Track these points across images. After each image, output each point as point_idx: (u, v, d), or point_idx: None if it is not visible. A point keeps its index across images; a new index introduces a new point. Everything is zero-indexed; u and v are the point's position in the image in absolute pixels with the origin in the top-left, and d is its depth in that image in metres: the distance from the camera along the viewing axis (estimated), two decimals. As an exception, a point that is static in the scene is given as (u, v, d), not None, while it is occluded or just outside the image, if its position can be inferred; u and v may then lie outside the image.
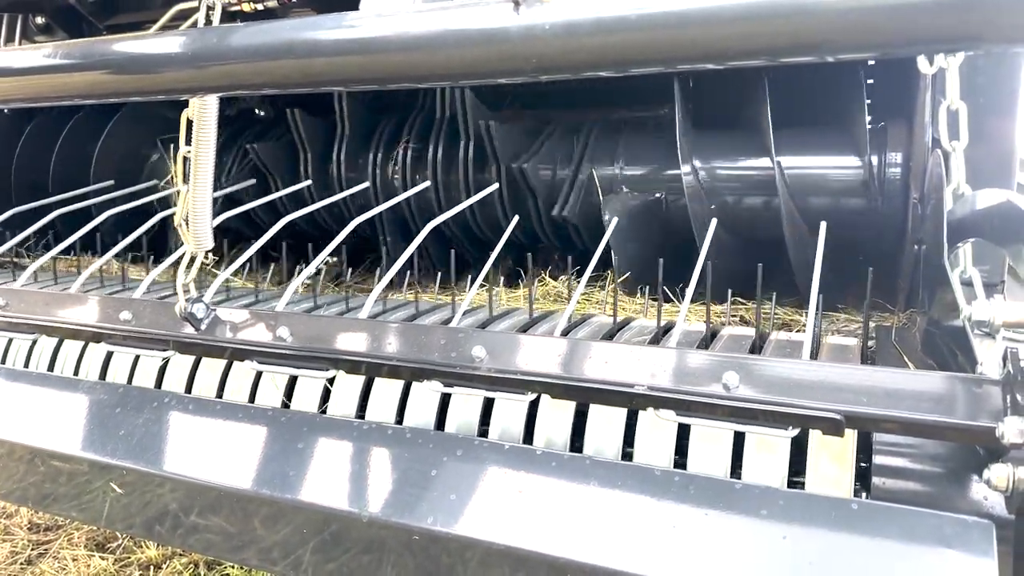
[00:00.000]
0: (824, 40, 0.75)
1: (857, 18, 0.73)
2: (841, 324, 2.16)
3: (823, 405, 1.07)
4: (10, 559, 2.69)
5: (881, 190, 2.15)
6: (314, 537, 1.20)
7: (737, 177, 2.26)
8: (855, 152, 2.12)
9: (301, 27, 1.05)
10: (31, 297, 1.76)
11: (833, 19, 0.73)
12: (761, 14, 0.79)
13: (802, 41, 0.76)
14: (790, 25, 0.77)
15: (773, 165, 2.02)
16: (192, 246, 1.45)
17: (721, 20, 0.81)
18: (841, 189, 2.23)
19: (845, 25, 0.75)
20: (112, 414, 1.43)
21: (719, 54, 0.83)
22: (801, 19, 0.76)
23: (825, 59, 0.77)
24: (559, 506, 1.07)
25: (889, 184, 2.14)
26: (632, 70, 0.89)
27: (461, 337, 1.35)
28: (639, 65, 0.88)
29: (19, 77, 1.27)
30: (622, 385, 1.18)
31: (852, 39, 0.78)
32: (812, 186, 2.16)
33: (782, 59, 0.80)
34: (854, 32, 0.74)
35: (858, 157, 2.11)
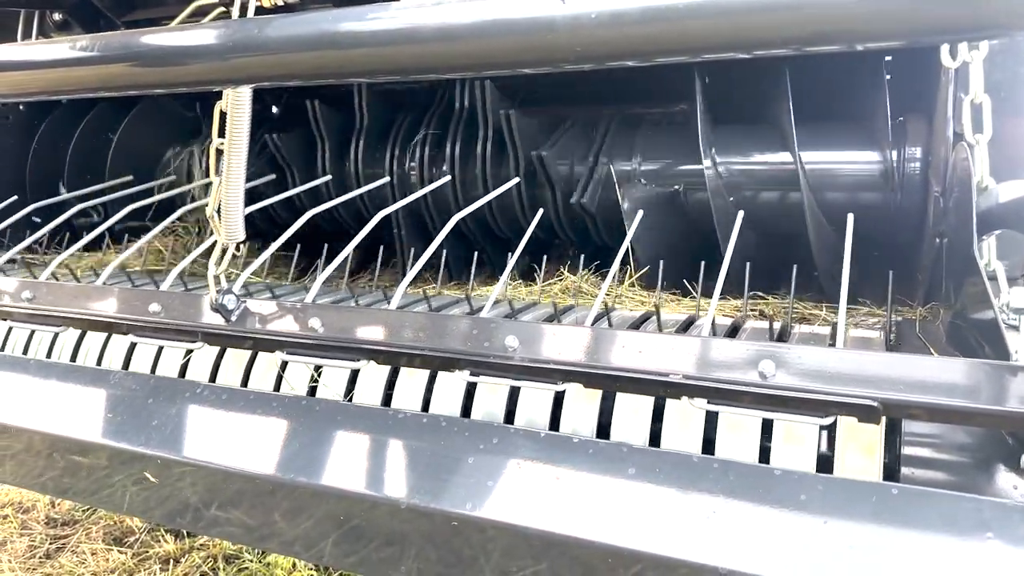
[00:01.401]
0: (897, 27, 0.76)
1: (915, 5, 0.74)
2: (860, 318, 2.17)
3: (859, 392, 1.08)
4: (29, 553, 2.71)
5: (900, 184, 2.16)
6: (352, 524, 1.21)
7: (758, 172, 2.27)
8: (875, 147, 2.13)
9: (343, 17, 1.06)
10: (59, 290, 1.78)
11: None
12: (811, 1, 0.80)
13: (864, 28, 0.77)
14: (843, 12, 0.77)
15: (795, 160, 2.03)
16: (223, 237, 1.46)
17: (771, 8, 0.82)
18: (861, 184, 2.24)
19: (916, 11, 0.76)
20: (145, 404, 1.44)
21: (768, 42, 0.84)
22: (857, 5, 0.77)
23: (892, 44, 0.78)
24: (598, 493, 1.09)
25: (908, 178, 2.15)
26: (680, 58, 0.90)
27: (493, 327, 1.36)
28: (687, 54, 0.88)
29: (59, 69, 1.28)
30: (657, 374, 1.19)
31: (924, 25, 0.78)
32: (833, 181, 2.17)
33: (834, 46, 0.81)
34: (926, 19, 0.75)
35: (878, 152, 2.12)
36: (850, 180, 2.21)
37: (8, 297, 1.86)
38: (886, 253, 2.30)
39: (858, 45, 0.85)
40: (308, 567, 2.49)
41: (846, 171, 2.20)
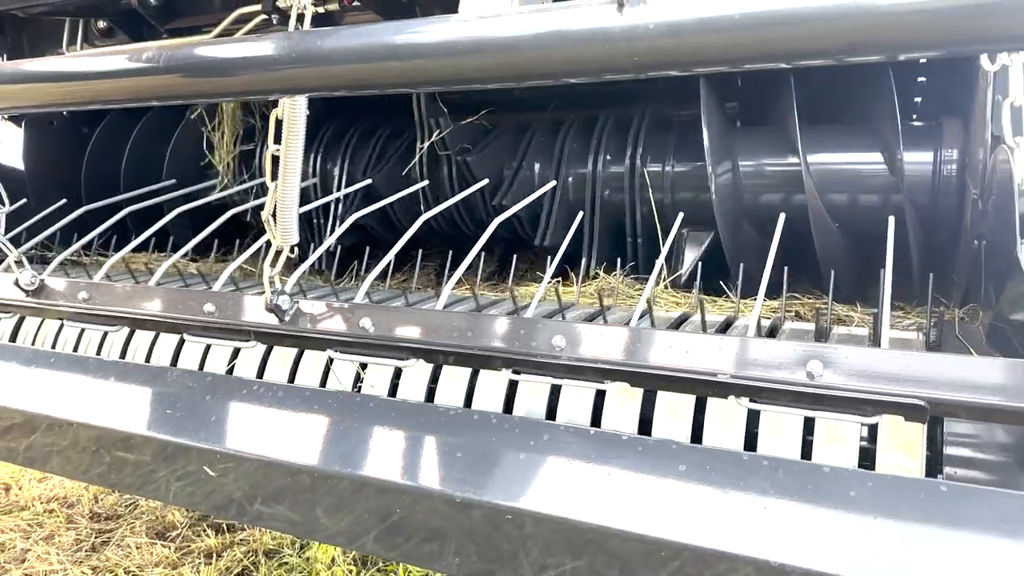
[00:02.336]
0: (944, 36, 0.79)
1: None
2: (895, 319, 2.18)
3: (906, 391, 1.10)
4: (75, 546, 2.79)
5: (936, 186, 2.16)
6: (407, 515, 1.25)
7: (782, 173, 2.28)
8: (925, 148, 2.15)
9: (403, 29, 1.10)
10: (115, 291, 1.84)
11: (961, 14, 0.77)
12: (868, 11, 0.82)
13: (914, 37, 0.80)
14: (899, 21, 0.80)
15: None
16: (278, 240, 1.51)
17: (825, 17, 0.85)
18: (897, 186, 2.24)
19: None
20: (203, 401, 1.50)
21: (823, 51, 0.87)
22: (909, 16, 0.80)
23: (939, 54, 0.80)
24: (649, 488, 1.12)
25: (944, 181, 2.16)
26: (735, 67, 0.93)
27: (540, 327, 1.40)
28: (742, 62, 0.92)
29: (126, 79, 1.33)
30: (704, 373, 1.22)
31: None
32: (868, 183, 2.18)
33: (889, 55, 0.84)
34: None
35: (927, 153, 2.14)
36: (887, 182, 2.22)
37: (64, 297, 1.93)
38: (921, 255, 2.31)
39: (902, 55, 0.88)
40: (347, 562, 2.55)
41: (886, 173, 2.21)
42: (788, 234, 1.99)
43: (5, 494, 3.24)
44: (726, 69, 0.95)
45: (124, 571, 2.58)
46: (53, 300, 1.94)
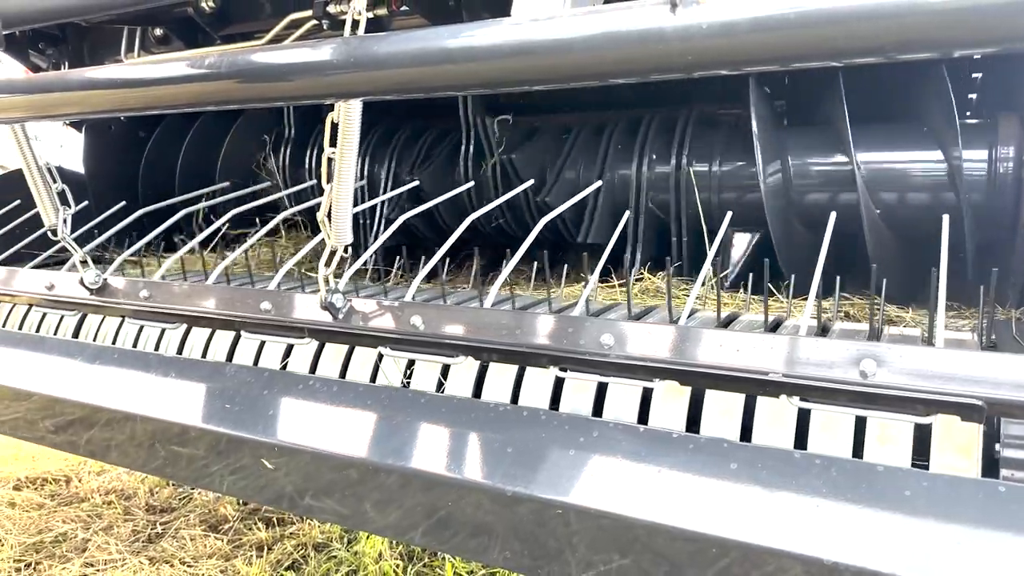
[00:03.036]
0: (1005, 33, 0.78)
1: None
2: (948, 319, 2.14)
3: (962, 391, 1.09)
4: (133, 537, 2.88)
5: (992, 185, 2.12)
6: (457, 508, 1.27)
7: (829, 172, 2.26)
8: (980, 146, 2.10)
9: (457, 33, 1.13)
10: (174, 289, 1.90)
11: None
12: (926, 7, 0.82)
13: (975, 34, 0.79)
14: (957, 17, 0.80)
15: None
16: (333, 240, 1.55)
17: (881, 14, 0.85)
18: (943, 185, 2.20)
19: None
20: (261, 395, 1.54)
21: (879, 48, 0.87)
22: (967, 11, 0.79)
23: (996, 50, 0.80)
24: (700, 486, 1.12)
25: (1000, 179, 2.11)
26: (788, 66, 0.93)
27: (589, 325, 1.41)
28: (796, 61, 0.92)
29: (188, 84, 1.38)
30: (756, 372, 1.22)
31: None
32: (924, 181, 2.14)
33: (945, 52, 0.83)
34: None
35: (982, 151, 2.10)
36: (933, 181, 2.18)
37: (126, 296, 2.00)
38: (976, 255, 2.26)
39: (958, 52, 0.87)
40: (394, 557, 2.59)
41: (928, 172, 2.17)
42: (839, 234, 1.98)
43: (66, 486, 3.37)
44: (779, 68, 0.95)
45: (180, 562, 2.66)
46: (116, 298, 2.01)
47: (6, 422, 2.00)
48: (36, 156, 1.99)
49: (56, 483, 3.37)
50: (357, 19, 1.50)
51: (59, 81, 1.60)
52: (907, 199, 2.19)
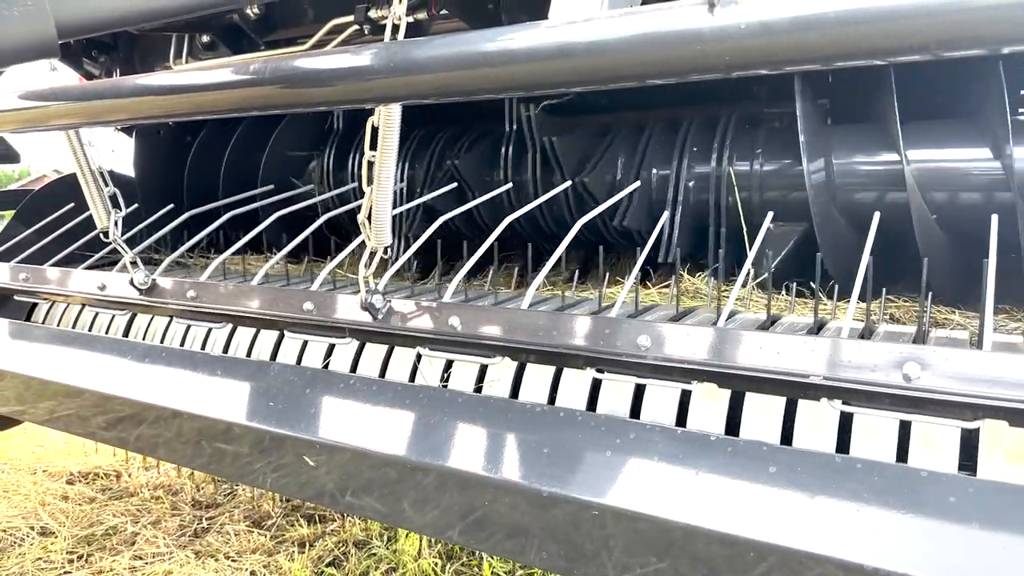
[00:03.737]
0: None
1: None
2: (998, 322, 2.08)
3: (1011, 395, 1.07)
4: (179, 531, 2.96)
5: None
6: (494, 507, 1.28)
7: (877, 172, 2.22)
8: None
9: (495, 36, 1.14)
10: (220, 290, 1.95)
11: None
12: (970, 4, 0.81)
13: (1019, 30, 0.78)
14: (1005, 14, 0.78)
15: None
16: (373, 242, 1.57)
17: (925, 12, 0.84)
18: (1000, 183, 2.14)
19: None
20: (304, 394, 1.57)
21: (922, 46, 0.85)
22: (1015, 8, 0.78)
23: None
24: (739, 489, 1.11)
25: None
26: (829, 65, 0.92)
27: (626, 327, 1.41)
28: (836, 60, 0.91)
29: (232, 90, 1.42)
30: (796, 375, 1.21)
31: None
32: (968, 181, 2.09)
33: (994, 48, 0.82)
34: None
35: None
36: (987, 180, 2.12)
37: (173, 296, 2.06)
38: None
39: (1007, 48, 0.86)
40: (433, 555, 2.61)
41: (980, 170, 2.11)
42: (887, 234, 1.94)
43: (116, 480, 3.47)
44: (819, 67, 0.94)
45: (224, 556, 2.72)
46: (164, 298, 2.07)
47: (60, 418, 2.07)
48: (90, 160, 2.06)
49: (107, 478, 3.47)
50: (397, 24, 1.51)
51: (110, 88, 1.65)
52: (958, 198, 2.14)
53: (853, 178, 2.22)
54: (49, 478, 3.44)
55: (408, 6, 2.53)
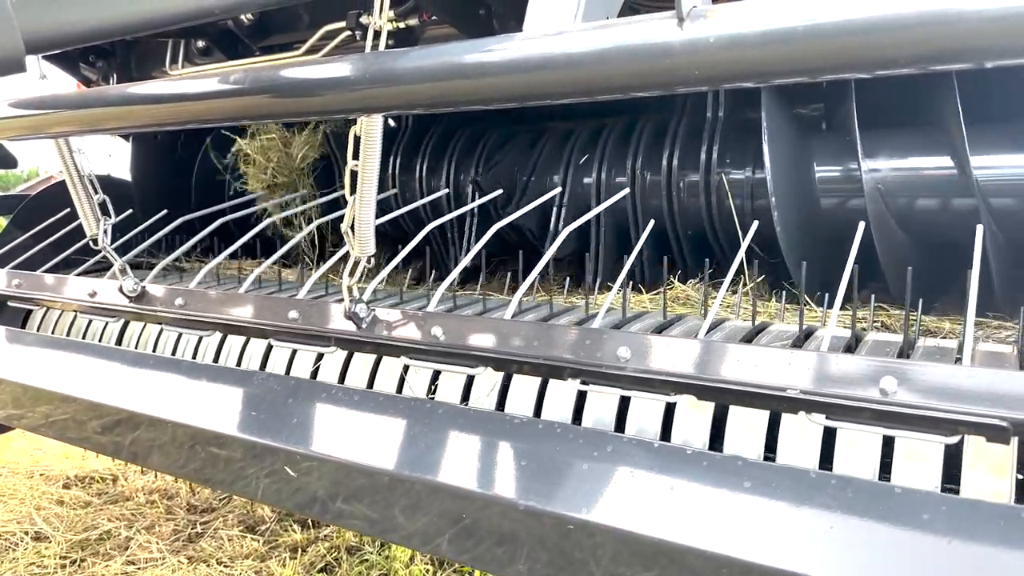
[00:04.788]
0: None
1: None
2: (992, 330, 2.07)
3: (987, 411, 1.06)
4: (173, 536, 2.96)
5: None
6: (472, 520, 1.28)
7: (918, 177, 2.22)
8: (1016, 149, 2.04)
9: (470, 49, 1.13)
10: (207, 297, 1.95)
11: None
12: (931, 19, 0.80)
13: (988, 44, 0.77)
14: (977, 28, 0.77)
15: (967, 165, 1.96)
16: (357, 251, 1.57)
17: (892, 26, 0.83)
18: (1000, 189, 2.13)
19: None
20: (285, 404, 1.57)
21: (892, 61, 0.84)
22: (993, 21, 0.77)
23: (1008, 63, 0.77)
24: (713, 504, 1.11)
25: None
26: (799, 79, 0.91)
27: (606, 338, 1.41)
28: (805, 74, 0.90)
29: (201, 102, 1.42)
30: (773, 388, 1.20)
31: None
32: (998, 187, 2.08)
33: (952, 65, 0.81)
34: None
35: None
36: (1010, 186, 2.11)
37: (162, 303, 2.06)
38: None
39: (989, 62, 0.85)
40: (425, 561, 2.61)
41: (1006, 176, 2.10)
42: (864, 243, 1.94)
43: (112, 484, 3.47)
44: (788, 80, 0.93)
45: (216, 562, 2.72)
46: (153, 306, 2.07)
47: (51, 425, 2.07)
48: (79, 167, 2.06)
49: (103, 482, 3.48)
50: (378, 31, 1.51)
51: (94, 98, 1.66)
52: (924, 205, 2.16)
53: (830, 186, 2.23)
54: (46, 482, 3.45)
55: (399, 12, 2.54)
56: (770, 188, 2.04)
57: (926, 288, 1.77)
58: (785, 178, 2.10)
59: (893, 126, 2.18)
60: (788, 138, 2.18)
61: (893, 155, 2.14)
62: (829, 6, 0.87)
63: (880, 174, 2.10)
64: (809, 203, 2.24)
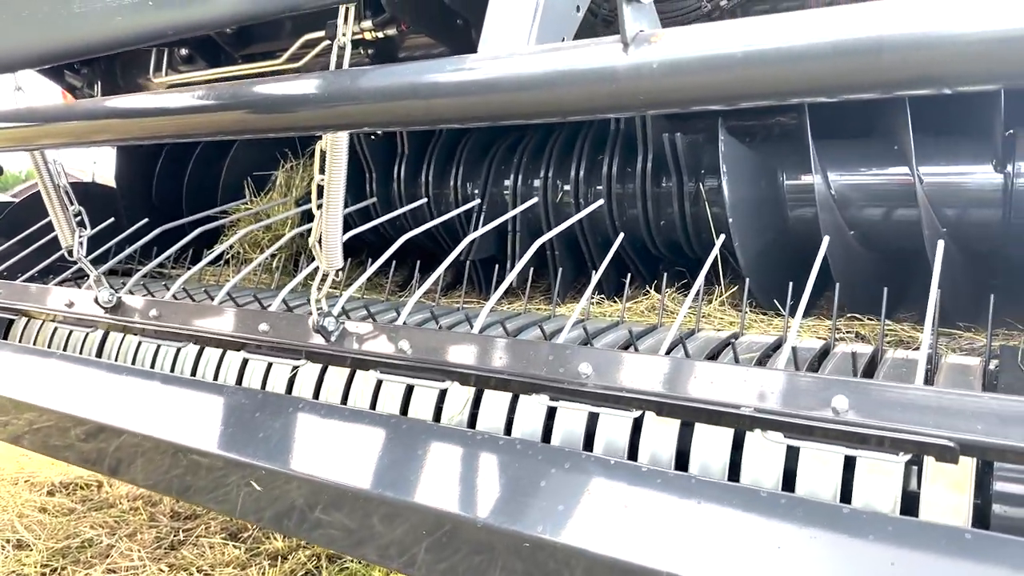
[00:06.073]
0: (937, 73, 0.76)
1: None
2: (964, 342, 2.08)
3: (935, 431, 1.06)
4: (155, 544, 2.96)
5: (1011, 201, 2.05)
6: (430, 537, 1.28)
7: (871, 187, 2.23)
8: (990, 161, 2.05)
9: (424, 70, 1.14)
10: (182, 309, 1.96)
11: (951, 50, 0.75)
12: (861, 48, 0.81)
13: (912, 73, 0.78)
14: (894, 59, 0.78)
15: (912, 174, 1.98)
16: (324, 264, 1.58)
17: (824, 55, 0.84)
18: (975, 200, 2.15)
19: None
20: (252, 418, 1.58)
21: (827, 89, 0.85)
22: (928, 50, 0.77)
23: (943, 91, 0.78)
24: (664, 522, 1.11)
25: (1018, 195, 2.04)
26: (739, 104, 0.92)
27: (568, 354, 1.41)
28: (747, 100, 0.91)
29: (175, 116, 1.42)
30: (729, 406, 1.21)
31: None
32: (949, 196, 2.10)
33: (886, 92, 0.82)
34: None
35: (993, 166, 2.04)
36: (964, 195, 2.12)
37: (138, 314, 2.07)
38: (1002, 274, 2.20)
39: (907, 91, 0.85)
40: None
41: (961, 186, 2.11)
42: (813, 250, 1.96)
43: (97, 491, 3.48)
44: (730, 106, 0.94)
45: (197, 570, 2.73)
46: (129, 317, 2.08)
47: (32, 436, 2.07)
48: (54, 178, 2.07)
49: (88, 488, 3.48)
50: (343, 47, 1.51)
51: (66, 111, 1.66)
52: (880, 214, 2.19)
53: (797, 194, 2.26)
54: (30, 489, 3.45)
55: (377, 23, 2.55)
56: (727, 201, 2.06)
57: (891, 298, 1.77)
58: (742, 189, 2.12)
59: (847, 137, 2.20)
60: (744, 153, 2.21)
61: (846, 165, 2.16)
62: (769, 34, 0.88)
63: (833, 184, 2.13)
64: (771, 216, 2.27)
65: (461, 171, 2.92)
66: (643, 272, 2.71)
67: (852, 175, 2.19)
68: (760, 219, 2.27)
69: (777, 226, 2.32)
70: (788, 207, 2.30)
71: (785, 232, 2.33)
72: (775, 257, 2.30)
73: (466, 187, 2.94)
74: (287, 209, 2.90)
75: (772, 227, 2.31)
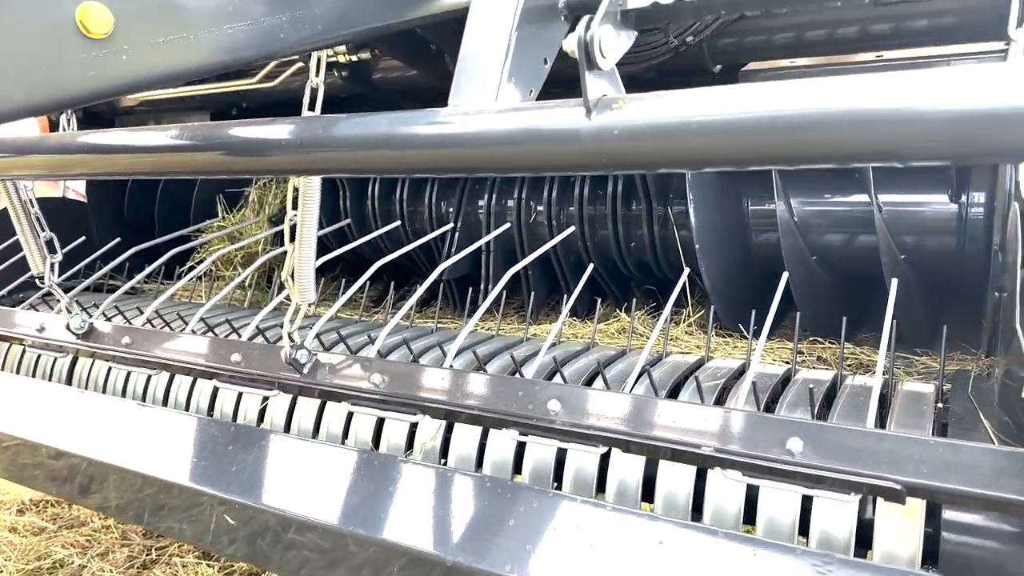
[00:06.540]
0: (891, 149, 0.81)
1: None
2: (921, 367, 2.15)
3: (885, 474, 1.11)
4: (127, 563, 2.95)
5: (964, 230, 2.13)
6: (401, 574, 1.31)
7: (832, 214, 2.30)
8: (945, 191, 2.12)
9: (396, 122, 1.17)
10: (153, 337, 1.96)
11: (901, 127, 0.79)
12: (812, 123, 0.85)
13: (864, 147, 0.82)
14: (848, 134, 0.83)
15: (872, 201, 2.05)
16: (297, 298, 1.60)
17: (769, 128, 0.88)
18: (932, 228, 2.22)
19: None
20: (225, 451, 1.59)
21: (774, 159, 0.90)
22: (862, 125, 0.82)
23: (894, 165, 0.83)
24: (628, 561, 1.15)
25: (972, 225, 2.12)
26: (701, 169, 0.96)
27: (537, 390, 1.45)
28: (700, 166, 0.95)
29: (149, 154, 1.43)
30: (690, 445, 1.25)
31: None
32: (907, 224, 2.17)
33: (842, 163, 0.86)
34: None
35: (948, 196, 2.12)
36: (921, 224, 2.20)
37: (109, 340, 2.07)
38: (955, 299, 2.28)
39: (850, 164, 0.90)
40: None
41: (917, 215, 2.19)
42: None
43: (68, 508, 3.45)
44: (694, 170, 0.98)
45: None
46: (101, 343, 2.07)
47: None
48: (25, 205, 2.06)
49: (58, 505, 3.45)
50: (315, 89, 1.54)
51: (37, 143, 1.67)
52: (841, 240, 2.26)
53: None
54: (0, 508, 3.41)
55: (351, 47, 2.56)
56: (693, 225, 2.11)
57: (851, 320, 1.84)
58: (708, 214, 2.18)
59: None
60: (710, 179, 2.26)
61: (808, 193, 2.23)
62: (726, 104, 0.92)
63: (796, 210, 2.20)
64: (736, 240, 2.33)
65: (435, 190, 2.95)
66: (615, 291, 2.77)
67: (814, 202, 2.25)
68: (725, 243, 2.32)
69: (741, 250, 2.38)
70: (752, 232, 2.36)
71: (749, 256, 2.39)
72: (740, 280, 2.36)
73: (440, 205, 2.97)
74: (260, 228, 2.90)
75: (737, 251, 2.37)
